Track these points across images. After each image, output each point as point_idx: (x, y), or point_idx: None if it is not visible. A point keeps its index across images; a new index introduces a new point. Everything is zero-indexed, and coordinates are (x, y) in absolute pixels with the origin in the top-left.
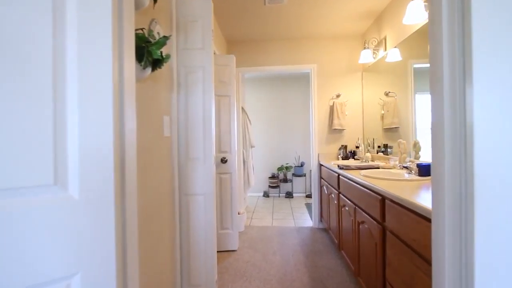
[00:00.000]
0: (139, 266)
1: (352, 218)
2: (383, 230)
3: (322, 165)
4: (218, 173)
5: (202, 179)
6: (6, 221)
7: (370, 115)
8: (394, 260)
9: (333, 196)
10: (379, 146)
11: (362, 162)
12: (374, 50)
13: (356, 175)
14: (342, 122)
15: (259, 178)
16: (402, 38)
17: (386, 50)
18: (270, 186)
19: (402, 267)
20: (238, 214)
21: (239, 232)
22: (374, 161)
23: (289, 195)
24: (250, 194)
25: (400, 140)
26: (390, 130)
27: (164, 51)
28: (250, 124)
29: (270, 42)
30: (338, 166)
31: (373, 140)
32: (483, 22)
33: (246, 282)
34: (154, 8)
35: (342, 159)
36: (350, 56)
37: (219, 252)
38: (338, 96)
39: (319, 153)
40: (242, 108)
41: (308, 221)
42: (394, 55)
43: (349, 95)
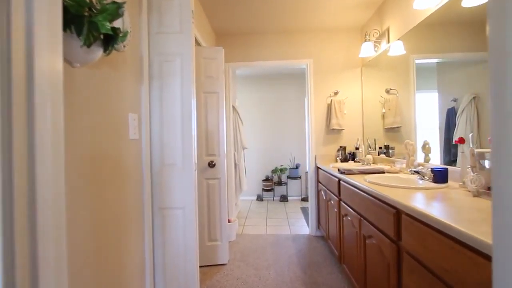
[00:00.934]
0: None
1: (356, 230)
2: (398, 249)
3: (320, 168)
4: (206, 178)
5: (181, 190)
6: None
7: (370, 114)
8: None
9: (332, 202)
10: (380, 148)
11: (364, 165)
12: (376, 43)
13: (360, 181)
14: (340, 122)
15: (252, 181)
16: (408, 28)
17: (389, 42)
18: (264, 189)
19: None
20: (229, 222)
21: (230, 241)
22: (377, 164)
23: (283, 199)
24: (243, 198)
25: (407, 141)
26: (392, 130)
27: (133, 36)
28: (242, 124)
29: (263, 35)
30: (338, 170)
31: (374, 140)
32: None
33: None
34: None
35: (341, 161)
36: (348, 50)
37: (207, 266)
38: (336, 93)
39: (316, 154)
40: (233, 107)
41: (304, 227)
42: (397, 48)
43: (347, 93)
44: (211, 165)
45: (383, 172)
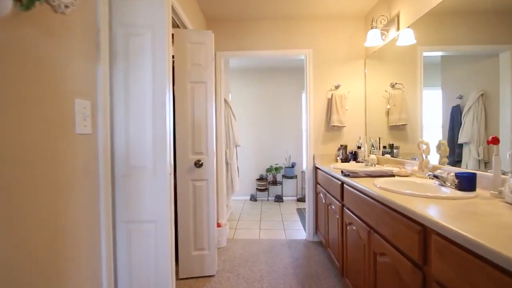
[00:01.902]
0: None
1: (363, 243)
2: (424, 277)
3: (319, 168)
4: (192, 180)
5: (152, 199)
6: None
7: (373, 111)
8: None
9: (333, 207)
10: (385, 147)
11: (367, 166)
12: (383, 30)
13: (369, 186)
14: (341, 118)
15: (246, 181)
16: (420, 14)
17: (399, 29)
18: (258, 189)
19: None
20: (219, 227)
21: (220, 248)
22: (382, 165)
23: (278, 199)
24: (236, 198)
25: (421, 140)
26: (397, 128)
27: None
28: (235, 119)
29: (258, 21)
30: (342, 172)
31: (378, 139)
32: None
33: None
34: None
35: (342, 161)
36: (351, 40)
37: (192, 279)
38: (337, 87)
39: (315, 154)
40: (225, 100)
41: (300, 231)
42: (407, 37)
43: (350, 86)
44: (198, 164)
45: (393, 175)
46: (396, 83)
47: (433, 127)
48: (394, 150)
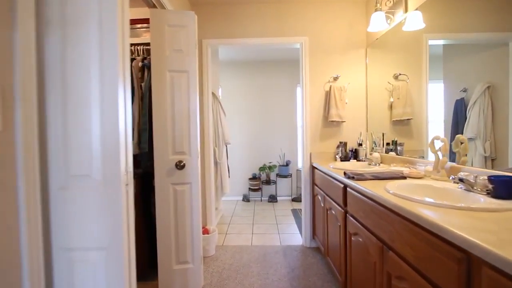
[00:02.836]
0: None
1: (373, 260)
2: None
3: (316, 168)
4: (172, 183)
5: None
6: None
7: (375, 104)
8: None
9: (334, 213)
10: (388, 144)
11: (370, 165)
12: (388, 13)
13: (380, 193)
14: (341, 113)
15: (238, 180)
16: None
17: (407, 11)
18: (250, 189)
19: None
20: (207, 234)
21: (208, 257)
22: (389, 164)
23: (272, 199)
24: (227, 198)
25: (437, 135)
26: (400, 123)
27: None
28: (225, 115)
29: (249, 5)
30: (345, 173)
31: (382, 135)
32: None
33: None
34: None
35: (341, 160)
36: (351, 27)
37: None
38: (335, 78)
39: (312, 152)
40: (213, 94)
41: (296, 236)
42: (415, 21)
43: (349, 78)
44: (179, 166)
45: (404, 177)
46: (400, 74)
47: (432, 123)
48: (398, 147)
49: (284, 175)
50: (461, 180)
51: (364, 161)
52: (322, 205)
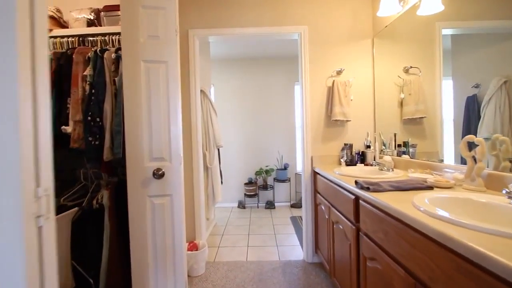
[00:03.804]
0: None
1: None
2: None
3: (319, 173)
4: (149, 196)
5: None
6: None
7: (384, 101)
8: None
9: (341, 228)
10: (399, 145)
11: (383, 170)
12: None
13: (411, 213)
14: (345, 111)
15: (233, 186)
16: None
17: None
18: (246, 195)
19: None
20: (195, 250)
21: (197, 277)
22: (406, 170)
23: (270, 205)
24: (222, 205)
25: (471, 136)
26: (412, 122)
27: None
28: (216, 115)
29: None
30: (356, 183)
31: (394, 135)
32: None
33: None
34: None
35: (347, 165)
36: (355, 15)
37: None
38: (339, 72)
39: (313, 155)
40: (202, 91)
41: (297, 248)
42: (432, 3)
43: (355, 72)
44: (157, 175)
45: (430, 187)
46: (410, 67)
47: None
48: (411, 149)
49: (282, 180)
50: (508, 194)
51: (373, 165)
52: (326, 217)
